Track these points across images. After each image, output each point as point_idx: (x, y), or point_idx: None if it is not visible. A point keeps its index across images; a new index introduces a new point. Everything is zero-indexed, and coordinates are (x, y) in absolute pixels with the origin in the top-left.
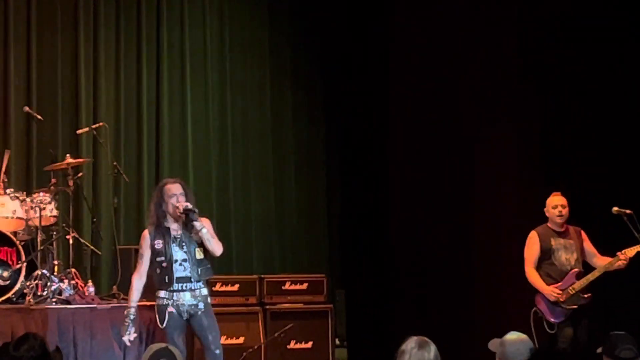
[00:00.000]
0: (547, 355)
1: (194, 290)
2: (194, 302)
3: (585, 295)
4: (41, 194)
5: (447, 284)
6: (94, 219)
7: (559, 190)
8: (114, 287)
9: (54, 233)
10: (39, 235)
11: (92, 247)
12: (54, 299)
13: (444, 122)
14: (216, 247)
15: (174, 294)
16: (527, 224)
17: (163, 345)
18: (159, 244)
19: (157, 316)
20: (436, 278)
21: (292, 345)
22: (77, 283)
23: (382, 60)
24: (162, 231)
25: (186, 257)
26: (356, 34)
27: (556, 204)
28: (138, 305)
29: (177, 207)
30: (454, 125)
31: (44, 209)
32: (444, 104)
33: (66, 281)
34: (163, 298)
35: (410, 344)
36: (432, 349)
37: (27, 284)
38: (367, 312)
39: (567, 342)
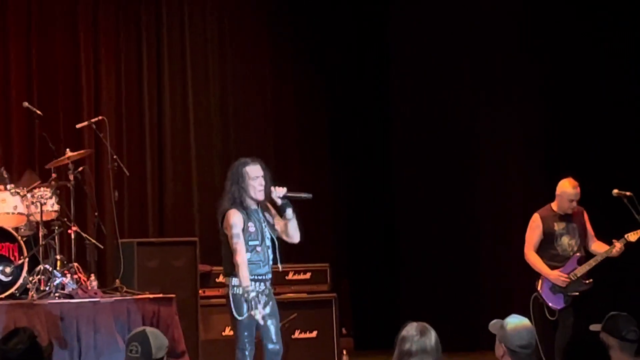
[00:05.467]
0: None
1: (270, 278)
2: (271, 290)
3: (587, 281)
4: (42, 189)
5: (453, 271)
6: (96, 213)
7: (572, 176)
8: (117, 280)
9: (56, 228)
10: (40, 230)
11: (94, 241)
12: (56, 294)
13: (446, 108)
14: (297, 232)
15: (257, 283)
16: (531, 208)
17: (141, 328)
18: (252, 227)
19: (233, 307)
20: (442, 265)
21: (297, 335)
22: (79, 277)
23: (383, 45)
24: (251, 213)
25: (270, 243)
26: (356, 19)
27: (572, 198)
28: (141, 299)
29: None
30: (456, 111)
31: (45, 204)
32: (446, 90)
33: (69, 275)
34: (242, 286)
35: (411, 330)
36: (433, 335)
37: (30, 279)
38: (372, 301)
39: (568, 329)
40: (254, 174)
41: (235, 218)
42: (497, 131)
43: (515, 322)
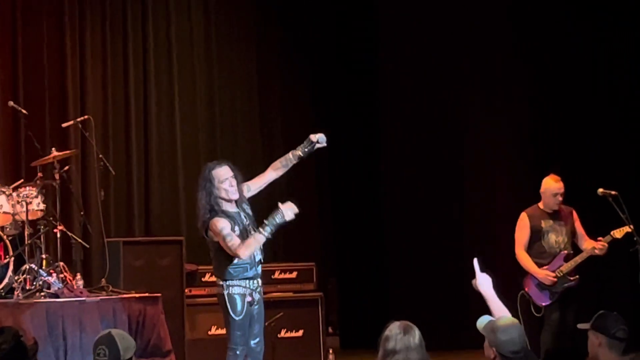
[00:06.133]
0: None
1: (260, 275)
2: (261, 287)
3: (572, 278)
4: (27, 188)
5: (441, 269)
6: (82, 212)
7: (554, 172)
8: (103, 279)
9: (42, 227)
10: (26, 229)
11: (79, 240)
12: (42, 293)
13: (435, 108)
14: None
15: (249, 281)
16: (520, 208)
17: (106, 331)
18: (237, 231)
19: (229, 307)
20: (429, 264)
21: (283, 334)
22: (65, 276)
23: (372, 45)
24: (232, 217)
25: None
26: (345, 21)
27: (557, 192)
28: (127, 298)
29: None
30: (445, 111)
31: (31, 203)
32: (434, 90)
33: (54, 275)
34: (237, 286)
35: (395, 329)
36: (417, 333)
37: (16, 278)
38: (359, 299)
39: (554, 325)
40: (222, 176)
41: (221, 222)
42: (487, 130)
43: (506, 325)
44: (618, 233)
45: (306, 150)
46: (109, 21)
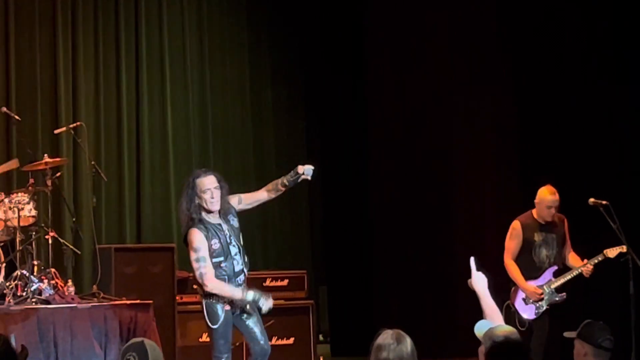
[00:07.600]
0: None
1: (240, 285)
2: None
3: (560, 295)
4: (19, 194)
5: (430, 277)
6: (74, 219)
7: (547, 182)
8: (94, 286)
9: (33, 233)
10: (17, 235)
11: (71, 246)
12: (33, 299)
13: (423, 115)
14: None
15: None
16: (506, 214)
17: (139, 339)
18: (215, 244)
19: (206, 316)
20: (419, 272)
21: (274, 341)
22: (56, 283)
23: (359, 53)
24: (212, 229)
25: (237, 250)
26: (333, 28)
27: (551, 205)
28: (119, 304)
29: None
30: (433, 117)
31: (23, 209)
32: (423, 95)
33: (46, 281)
34: (215, 296)
35: (387, 338)
36: (409, 342)
37: (7, 284)
38: (349, 307)
39: (542, 336)
40: (205, 186)
41: (197, 241)
42: (473, 137)
43: (506, 335)
44: (611, 252)
45: (291, 180)
46: (102, 28)
